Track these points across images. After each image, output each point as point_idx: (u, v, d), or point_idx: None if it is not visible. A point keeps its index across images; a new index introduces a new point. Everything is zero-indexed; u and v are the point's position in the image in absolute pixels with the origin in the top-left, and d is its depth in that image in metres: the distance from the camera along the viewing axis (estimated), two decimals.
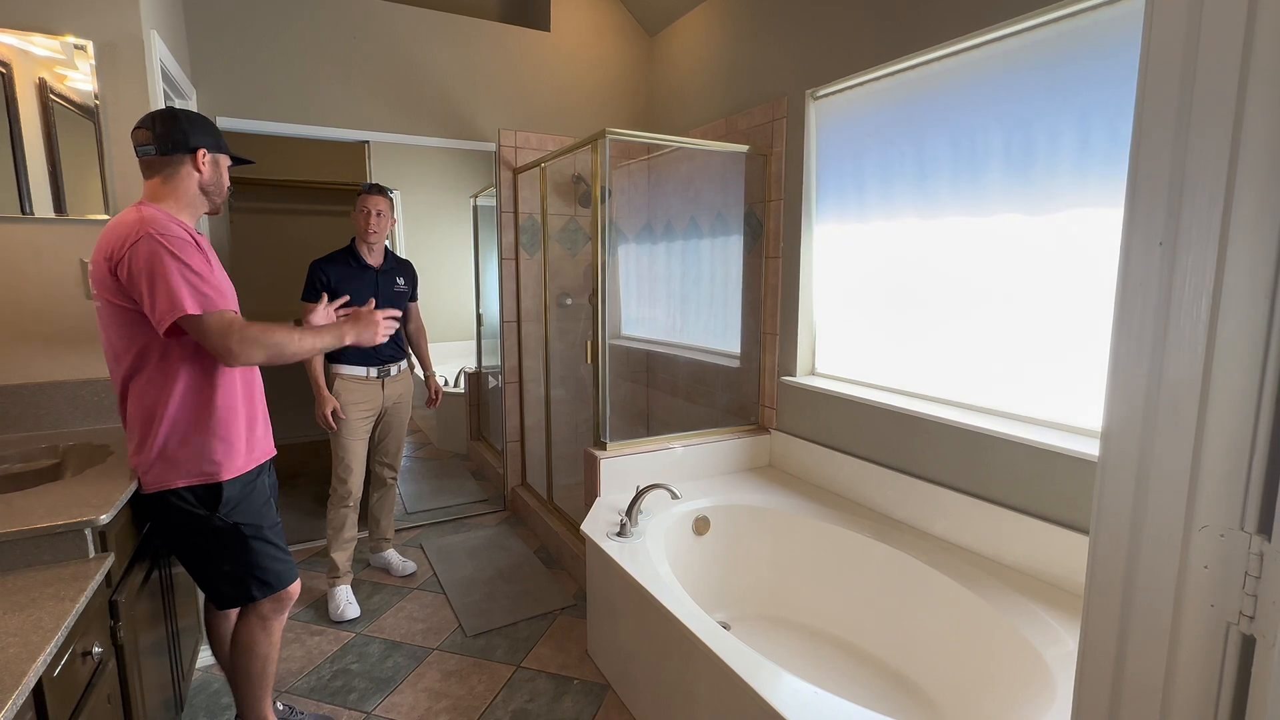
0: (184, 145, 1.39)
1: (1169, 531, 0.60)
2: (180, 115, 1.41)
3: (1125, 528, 0.63)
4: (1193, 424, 0.59)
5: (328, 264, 2.43)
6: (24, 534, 1.12)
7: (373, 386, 2.50)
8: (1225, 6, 0.57)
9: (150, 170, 1.40)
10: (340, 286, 2.40)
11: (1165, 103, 0.61)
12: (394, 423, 2.63)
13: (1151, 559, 0.61)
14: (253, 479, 1.49)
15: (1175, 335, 0.59)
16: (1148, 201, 0.60)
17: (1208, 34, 0.59)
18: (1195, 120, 0.58)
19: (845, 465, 2.32)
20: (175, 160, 1.39)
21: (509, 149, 3.16)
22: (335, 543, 2.48)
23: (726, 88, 2.88)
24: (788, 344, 2.58)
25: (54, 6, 1.75)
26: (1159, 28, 0.62)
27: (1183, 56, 0.60)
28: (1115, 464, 0.64)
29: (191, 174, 1.41)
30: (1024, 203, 1.79)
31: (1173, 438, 0.60)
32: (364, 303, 2.48)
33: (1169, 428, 0.60)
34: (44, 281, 1.79)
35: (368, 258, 2.49)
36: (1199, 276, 0.56)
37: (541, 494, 3.20)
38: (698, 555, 2.25)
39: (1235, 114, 0.57)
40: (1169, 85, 0.61)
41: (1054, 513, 1.71)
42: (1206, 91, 0.58)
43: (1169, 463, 0.60)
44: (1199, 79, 0.59)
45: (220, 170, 1.47)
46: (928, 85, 2.02)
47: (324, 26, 2.76)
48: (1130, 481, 0.62)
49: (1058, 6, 1.64)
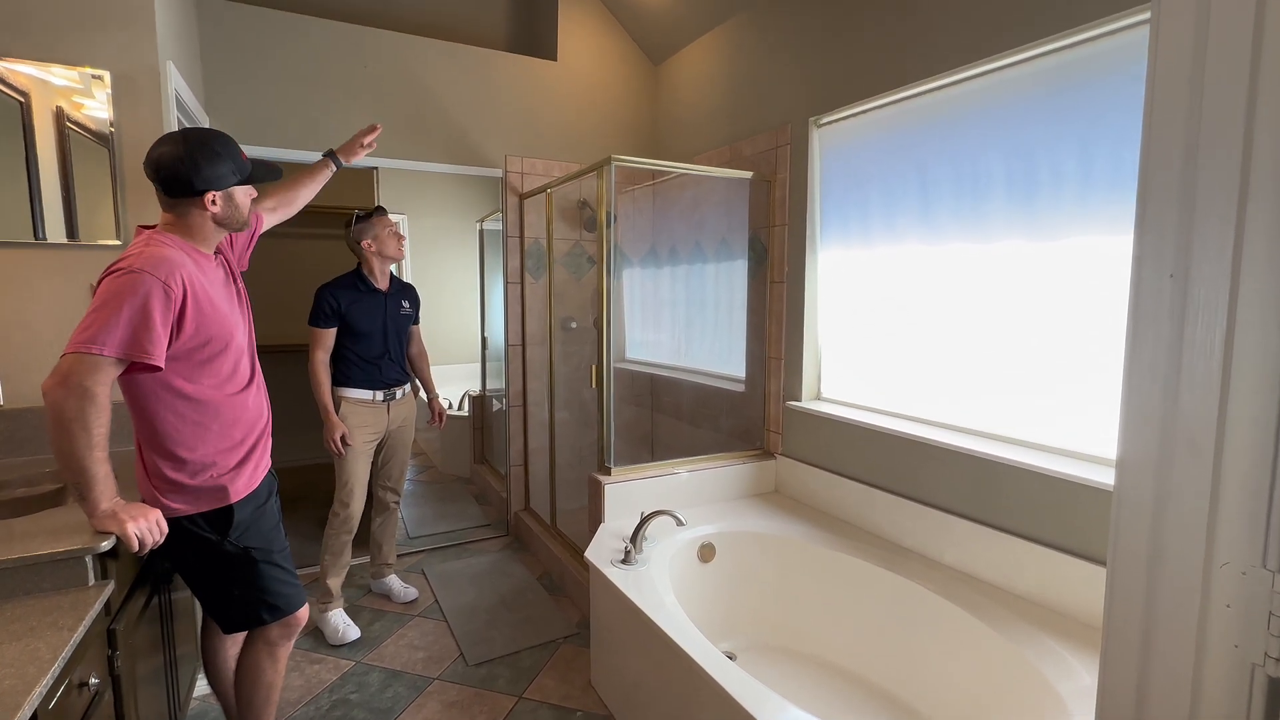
0: (189, 190, 1.33)
1: (1189, 568, 0.58)
2: (186, 158, 1.32)
3: (1143, 564, 0.62)
4: (1210, 458, 0.58)
5: (336, 289, 2.43)
6: (24, 561, 1.11)
7: (378, 410, 2.49)
8: (1230, 39, 0.57)
9: (163, 206, 1.39)
10: (350, 311, 2.41)
11: (1172, 135, 0.61)
12: (398, 446, 2.62)
13: (1171, 597, 0.60)
14: (263, 501, 1.48)
15: (1189, 369, 0.58)
16: (1156, 234, 0.60)
17: (1213, 66, 0.59)
18: (1203, 153, 0.58)
19: (852, 491, 2.29)
20: (184, 203, 1.36)
21: (515, 175, 3.20)
22: (333, 569, 2.45)
23: (730, 115, 2.92)
24: (793, 368, 2.58)
25: (74, 39, 1.79)
26: (1164, 60, 0.62)
27: (1189, 89, 0.60)
28: (1131, 498, 0.63)
29: (204, 214, 1.37)
30: (1027, 229, 1.80)
31: (1190, 472, 0.59)
32: (373, 326, 2.49)
33: (1186, 462, 0.59)
34: (55, 306, 1.80)
35: (377, 282, 2.50)
36: (1211, 310, 0.56)
37: (545, 519, 3.17)
38: (703, 583, 2.21)
39: (1244, 147, 0.57)
40: (1175, 118, 0.61)
41: (1066, 541, 1.69)
42: (1213, 124, 0.58)
43: (1186, 497, 0.59)
44: (1205, 112, 0.59)
45: (235, 199, 1.40)
46: (930, 113, 2.04)
47: (335, 56, 2.82)
48: (1147, 517, 0.61)
49: (1058, 37, 1.66)
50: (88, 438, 1.18)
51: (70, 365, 1.18)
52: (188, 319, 1.30)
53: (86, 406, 1.18)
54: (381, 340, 2.50)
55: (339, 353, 2.45)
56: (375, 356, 2.49)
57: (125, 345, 1.21)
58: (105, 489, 1.21)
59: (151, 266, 1.24)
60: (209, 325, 1.35)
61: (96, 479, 1.20)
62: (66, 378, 1.17)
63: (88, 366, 1.18)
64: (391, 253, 2.48)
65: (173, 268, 1.27)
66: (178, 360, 1.32)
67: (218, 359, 1.39)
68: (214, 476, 1.39)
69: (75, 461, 1.18)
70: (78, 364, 1.18)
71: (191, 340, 1.32)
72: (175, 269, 1.27)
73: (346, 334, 2.44)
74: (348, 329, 2.43)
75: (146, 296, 1.22)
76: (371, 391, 2.48)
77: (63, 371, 1.18)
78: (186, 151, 1.32)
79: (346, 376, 2.46)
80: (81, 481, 1.20)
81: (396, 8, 3.19)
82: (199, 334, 1.33)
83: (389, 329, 2.52)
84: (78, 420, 1.17)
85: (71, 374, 1.17)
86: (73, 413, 1.17)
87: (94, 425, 1.19)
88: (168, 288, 1.25)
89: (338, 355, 2.45)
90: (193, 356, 1.35)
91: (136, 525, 1.22)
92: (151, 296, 1.22)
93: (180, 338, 1.30)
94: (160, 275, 1.24)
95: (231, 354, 1.42)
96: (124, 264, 1.25)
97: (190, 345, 1.33)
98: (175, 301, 1.27)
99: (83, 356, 1.18)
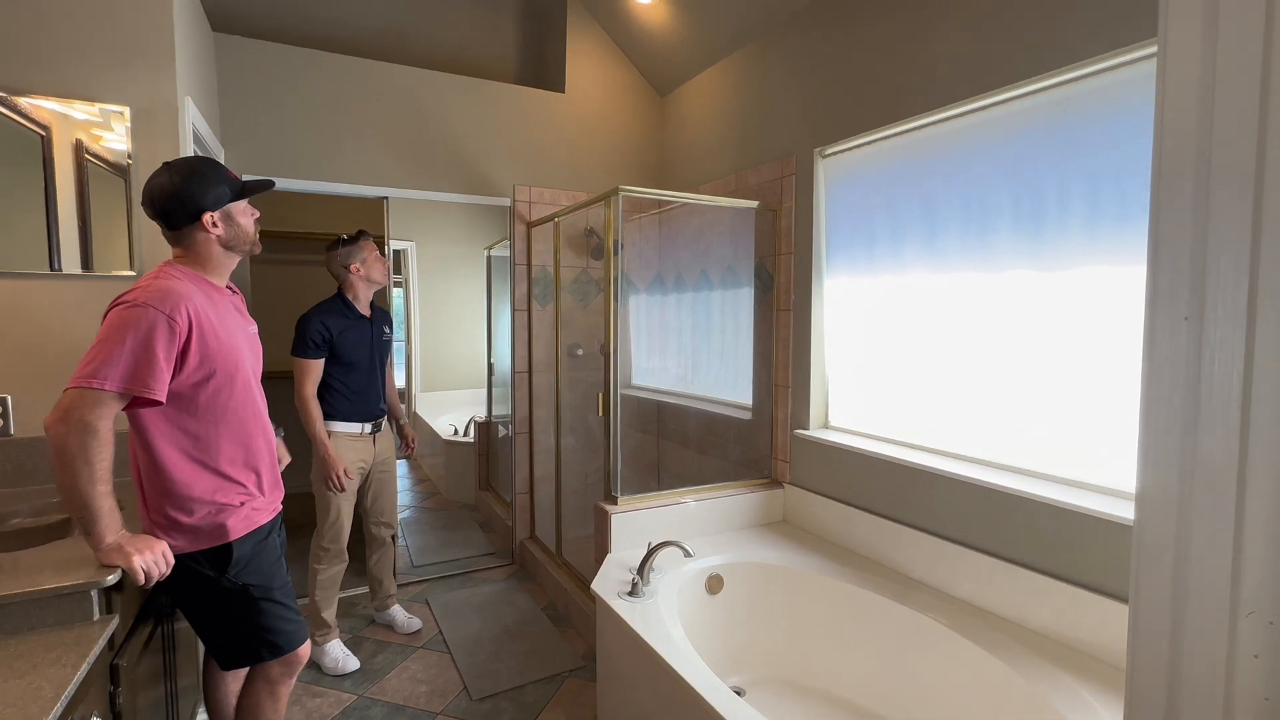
0: (187, 215, 1.35)
1: (1214, 617, 0.57)
2: (177, 183, 1.34)
3: (1166, 612, 0.60)
4: (1231, 503, 0.57)
5: (326, 316, 2.34)
6: (30, 596, 1.11)
7: (366, 442, 2.45)
8: (1238, 80, 0.57)
9: (171, 241, 1.41)
10: (341, 339, 2.34)
11: (1181, 175, 0.61)
12: (385, 479, 2.56)
13: (1196, 646, 0.58)
14: (263, 537, 1.47)
15: (1207, 412, 0.57)
16: (1170, 277, 0.60)
17: (1221, 109, 0.60)
18: (1214, 196, 0.59)
19: (862, 522, 2.27)
20: (186, 232, 1.38)
21: (523, 204, 3.24)
22: (325, 602, 2.40)
23: (736, 145, 2.96)
24: (800, 396, 2.57)
25: (97, 76, 1.84)
26: (1172, 101, 0.63)
27: (1197, 130, 0.61)
28: (1151, 543, 0.62)
29: (208, 238, 1.39)
30: (1034, 259, 1.80)
31: (1211, 516, 0.58)
32: (361, 355, 2.42)
33: (1206, 507, 0.58)
34: (68, 336, 1.82)
35: (362, 308, 2.43)
36: (1228, 355, 0.56)
37: (550, 547, 3.14)
38: (711, 615, 2.18)
39: (1255, 190, 0.57)
40: (1184, 160, 0.61)
41: (1081, 576, 1.66)
42: (1224, 165, 0.59)
43: (1208, 542, 0.58)
44: (1215, 154, 0.59)
45: (235, 220, 1.41)
46: (935, 144, 2.07)
47: (348, 89, 2.88)
48: (1168, 562, 0.60)
49: (1061, 71, 1.68)
50: (90, 472, 1.18)
51: (72, 400, 1.19)
52: (192, 351, 1.30)
53: (89, 441, 1.18)
54: (368, 369, 2.43)
55: (325, 384, 2.35)
56: (363, 387, 2.42)
57: (127, 379, 1.21)
58: (110, 523, 1.21)
59: (158, 300, 1.25)
60: (213, 358, 1.34)
61: (101, 513, 1.20)
62: (68, 413, 1.18)
63: (89, 401, 1.19)
64: (378, 277, 2.43)
65: (179, 300, 1.28)
66: (180, 394, 1.31)
67: (222, 393, 1.38)
68: (212, 514, 1.37)
69: (79, 496, 1.18)
70: (79, 399, 1.18)
71: (195, 373, 1.32)
72: (181, 301, 1.28)
73: (334, 364, 2.35)
74: (336, 358, 2.34)
75: (150, 330, 1.23)
76: (360, 424, 2.41)
77: (64, 407, 1.18)
78: (176, 180, 1.35)
79: (334, 409, 2.36)
80: (86, 516, 1.20)
81: (408, 42, 3.27)
82: (203, 366, 1.32)
83: (374, 357, 2.45)
84: (80, 455, 1.18)
85: (73, 409, 1.18)
86: (75, 448, 1.17)
87: (96, 460, 1.19)
88: (172, 321, 1.25)
89: (323, 386, 2.35)
90: (197, 392, 1.34)
91: (142, 558, 1.22)
92: (155, 330, 1.23)
93: (184, 370, 1.30)
94: (165, 309, 1.25)
95: (237, 389, 1.41)
96: (130, 296, 1.26)
97: (195, 379, 1.32)
98: (180, 335, 1.27)
99: (84, 392, 1.19)
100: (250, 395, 1.45)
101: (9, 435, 1.77)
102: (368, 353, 2.43)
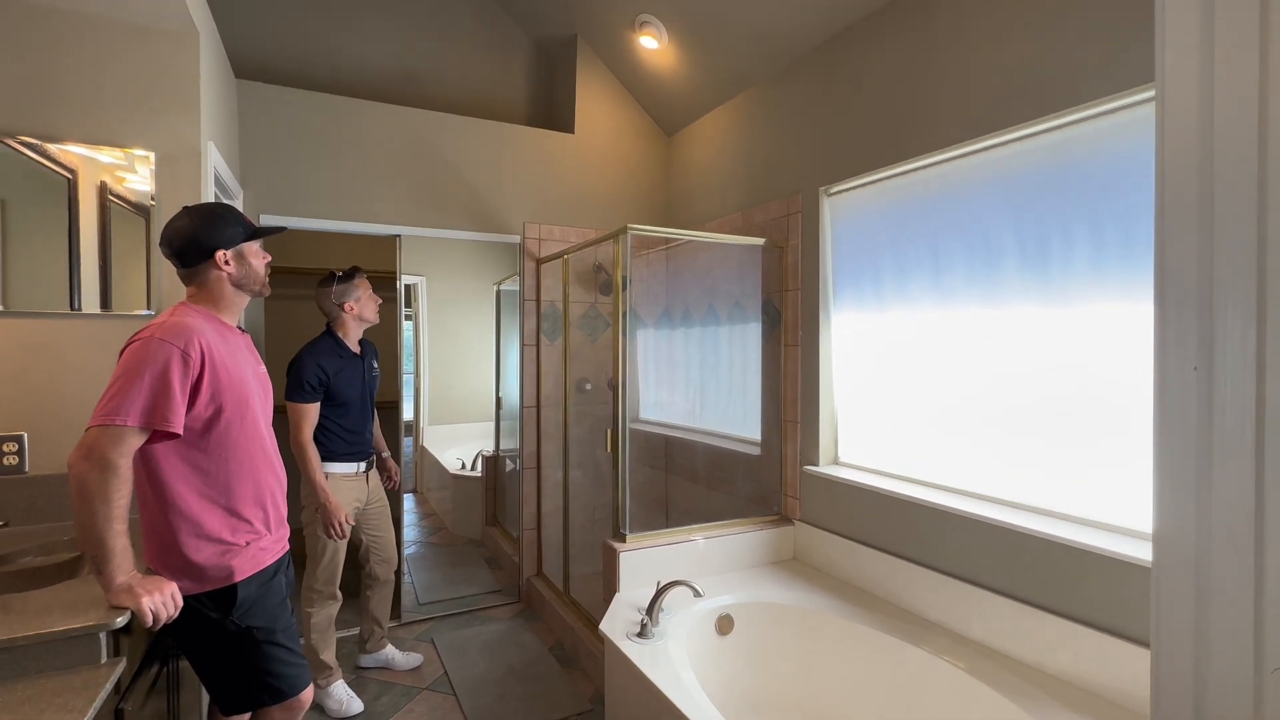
0: (201, 252, 1.41)
1: (1238, 673, 0.56)
2: (194, 224, 1.41)
3: (1189, 667, 0.59)
4: (1251, 553, 0.57)
5: (320, 358, 2.28)
6: (39, 639, 1.10)
7: (360, 482, 2.42)
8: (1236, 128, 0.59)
9: (184, 280, 1.45)
10: (337, 379, 2.30)
11: (1184, 227, 0.62)
12: (382, 517, 2.53)
13: (1221, 703, 0.57)
14: (269, 577, 1.46)
15: (1221, 462, 0.57)
16: (1177, 326, 0.61)
17: (1220, 158, 0.61)
18: (1218, 246, 0.59)
19: (873, 560, 2.23)
20: (200, 269, 1.42)
21: (533, 241, 3.29)
22: (323, 642, 2.35)
23: (742, 183, 3.01)
24: (809, 432, 2.56)
25: (127, 123, 1.90)
26: (1171, 151, 0.64)
27: (1198, 180, 0.62)
28: (1170, 594, 0.61)
29: (220, 276, 1.43)
30: (1041, 295, 1.81)
31: (1231, 568, 0.57)
32: (356, 393, 2.39)
33: (1226, 556, 0.57)
34: (86, 374, 1.84)
35: (353, 345, 2.40)
36: (1240, 405, 0.56)
37: (558, 585, 3.10)
38: (721, 657, 2.14)
39: (1258, 239, 0.58)
40: (1187, 212, 0.62)
41: (1102, 619, 1.62)
42: (1226, 216, 0.59)
43: (1229, 594, 0.57)
44: (1217, 205, 0.60)
45: (247, 260, 1.47)
46: (940, 182, 2.10)
47: (365, 131, 2.96)
48: (1189, 614, 0.59)
49: (1061, 114, 1.71)
50: (108, 510, 1.20)
51: (95, 438, 1.21)
52: (204, 385, 1.32)
53: (109, 479, 1.20)
54: (360, 407, 2.40)
55: (320, 425, 2.30)
56: (357, 425, 2.39)
57: (147, 413, 1.24)
58: (122, 563, 1.22)
59: (172, 335, 1.29)
60: (224, 393, 1.36)
61: (114, 552, 1.21)
62: (91, 451, 1.20)
63: (111, 438, 1.21)
64: (371, 316, 2.40)
65: (192, 334, 1.31)
66: (192, 429, 1.33)
67: (233, 429, 1.39)
68: (218, 554, 1.37)
69: (95, 534, 1.19)
70: (101, 436, 1.21)
71: (207, 408, 1.34)
72: (194, 335, 1.31)
73: (329, 404, 2.30)
74: (331, 399, 2.30)
75: (165, 363, 1.26)
76: (356, 464, 2.38)
77: (87, 445, 1.21)
78: (195, 221, 1.41)
79: (330, 450, 2.31)
80: (100, 555, 1.20)
81: (423, 86, 3.37)
82: (214, 401, 1.34)
83: (365, 394, 2.43)
84: (99, 493, 1.19)
85: (95, 447, 1.20)
86: (95, 485, 1.19)
87: (115, 498, 1.20)
88: (186, 355, 1.29)
89: (318, 428, 2.30)
90: (208, 427, 1.35)
91: (152, 599, 1.21)
92: (170, 363, 1.26)
93: (196, 405, 1.32)
94: (179, 343, 1.28)
95: (247, 425, 1.42)
96: (144, 334, 1.30)
97: (206, 413, 1.34)
98: (194, 367, 1.30)
99: (106, 429, 1.21)
100: (258, 432, 1.47)
101: (24, 472, 1.79)
102: (360, 391, 2.40)
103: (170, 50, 1.95)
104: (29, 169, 1.81)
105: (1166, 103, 0.64)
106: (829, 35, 2.46)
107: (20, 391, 1.80)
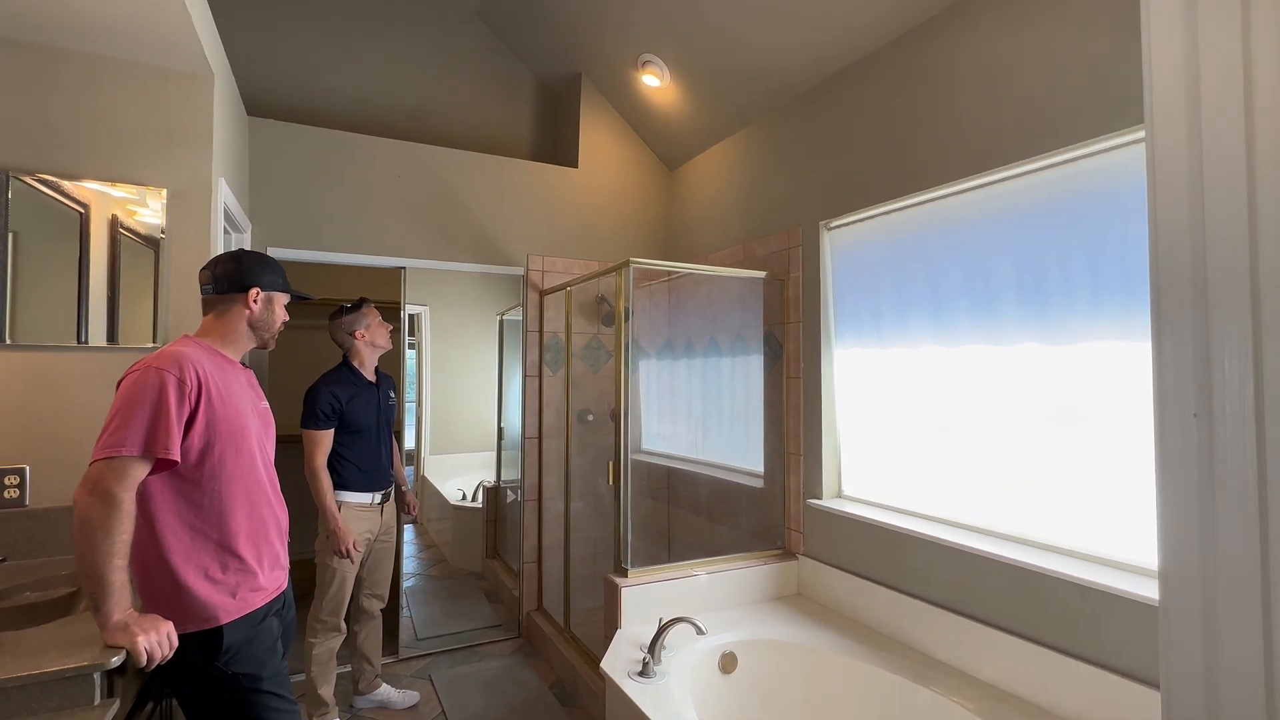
0: (238, 285, 1.46)
1: (1250, 716, 0.55)
2: (244, 257, 1.50)
3: (1199, 703, 0.58)
4: (1257, 595, 0.56)
5: (335, 386, 2.33)
6: (32, 679, 1.09)
7: (374, 513, 2.42)
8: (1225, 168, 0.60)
9: (207, 307, 1.48)
10: (350, 407, 2.34)
11: (1179, 278, 0.63)
12: (386, 550, 2.52)
13: None
14: (259, 620, 1.40)
15: (1224, 511, 0.57)
16: (1175, 373, 0.61)
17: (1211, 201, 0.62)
18: (1212, 295, 0.60)
19: (879, 596, 2.20)
20: (229, 299, 1.46)
21: (536, 273, 3.32)
22: (323, 676, 2.31)
23: (743, 217, 3.04)
24: (812, 465, 2.54)
25: (142, 162, 1.95)
26: (1163, 201, 0.65)
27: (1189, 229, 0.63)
28: (1179, 647, 0.60)
29: (242, 311, 1.47)
30: (1042, 332, 1.82)
31: (1240, 620, 0.56)
32: (370, 422, 2.42)
33: (1234, 609, 0.57)
34: (90, 408, 1.85)
35: (368, 374, 2.44)
36: (1240, 454, 0.56)
37: (558, 620, 3.05)
38: (725, 696, 2.09)
39: (1251, 285, 0.58)
40: (1180, 259, 0.63)
41: (1115, 660, 1.59)
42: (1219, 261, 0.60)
43: (1239, 648, 0.56)
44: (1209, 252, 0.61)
45: (273, 308, 1.51)
46: (939, 218, 2.12)
47: (371, 166, 3.02)
48: (1199, 669, 0.58)
49: (1053, 154, 1.74)
50: (109, 545, 1.19)
51: (99, 472, 1.21)
52: (200, 414, 1.32)
53: (112, 513, 1.20)
54: (375, 436, 2.42)
55: (335, 453, 2.33)
56: (371, 453, 2.41)
57: (147, 443, 1.24)
58: (120, 600, 1.20)
59: (168, 363, 1.30)
60: (218, 423, 1.35)
61: (113, 588, 1.19)
62: (95, 485, 1.20)
63: (115, 471, 1.21)
64: (382, 342, 2.45)
65: (187, 361, 1.32)
66: (186, 459, 1.31)
67: (228, 461, 1.37)
68: (205, 590, 1.33)
69: (95, 569, 1.18)
70: (106, 470, 1.21)
71: (200, 438, 1.32)
72: (189, 363, 1.32)
73: (344, 433, 2.34)
74: (345, 427, 2.34)
75: (161, 390, 1.27)
76: (371, 494, 2.39)
77: (92, 479, 1.21)
78: (245, 260, 1.50)
79: (345, 479, 2.33)
80: (98, 591, 1.19)
81: (430, 122, 3.45)
82: (208, 431, 1.33)
83: (380, 422, 2.45)
84: (101, 527, 1.19)
85: (100, 480, 1.20)
86: (98, 520, 1.19)
87: (116, 532, 1.20)
88: (181, 381, 1.29)
89: (333, 456, 2.33)
90: (202, 458, 1.33)
91: (147, 639, 1.20)
92: (166, 389, 1.27)
93: (190, 434, 1.31)
94: (174, 370, 1.29)
95: (243, 458, 1.40)
96: (141, 364, 1.31)
97: (200, 444, 1.32)
98: (190, 394, 1.30)
99: (110, 462, 1.21)
100: (255, 467, 1.44)
101: (24, 506, 1.78)
102: (374, 418, 2.43)
103: (186, 91, 2.00)
104: (43, 204, 1.84)
105: (1156, 153, 0.65)
106: (828, 74, 2.52)
107: (24, 424, 1.80)
